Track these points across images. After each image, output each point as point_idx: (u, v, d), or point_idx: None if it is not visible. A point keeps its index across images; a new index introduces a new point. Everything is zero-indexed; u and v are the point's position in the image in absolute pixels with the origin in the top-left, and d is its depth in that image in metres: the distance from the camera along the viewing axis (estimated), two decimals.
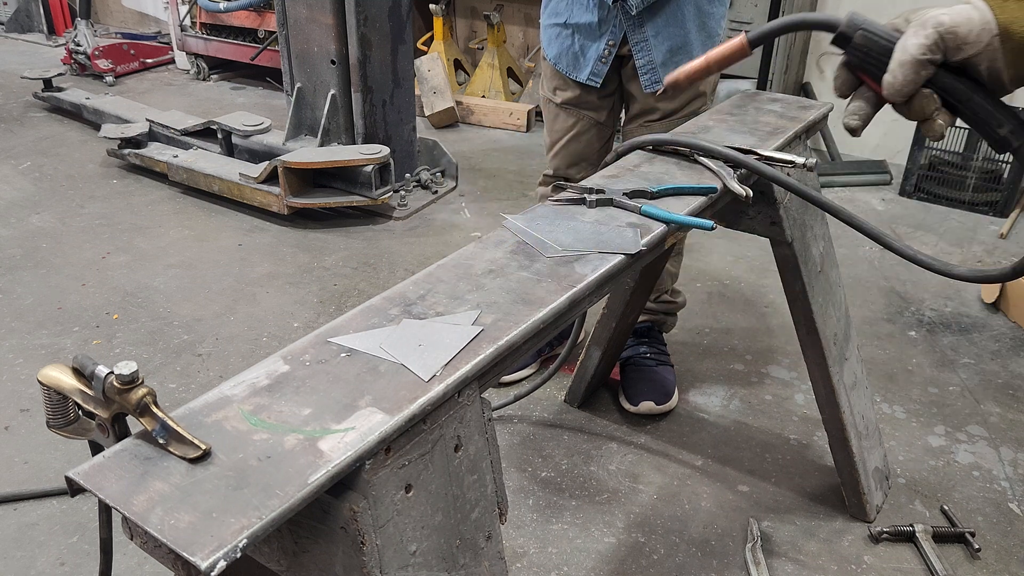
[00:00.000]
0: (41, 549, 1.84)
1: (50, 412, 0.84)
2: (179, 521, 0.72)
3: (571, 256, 1.22)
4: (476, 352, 0.97)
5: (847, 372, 1.84)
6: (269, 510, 0.74)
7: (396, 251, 3.22)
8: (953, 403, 2.34)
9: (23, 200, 3.62)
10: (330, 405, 0.88)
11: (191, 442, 0.80)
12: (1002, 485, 2.04)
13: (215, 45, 5.21)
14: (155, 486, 0.76)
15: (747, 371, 2.49)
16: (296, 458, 0.80)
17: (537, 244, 1.25)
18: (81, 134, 4.37)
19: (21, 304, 2.81)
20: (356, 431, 0.84)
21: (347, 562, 0.85)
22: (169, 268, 3.07)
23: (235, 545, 0.70)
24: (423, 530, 0.91)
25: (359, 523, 0.82)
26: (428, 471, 0.91)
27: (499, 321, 1.04)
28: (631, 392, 2.29)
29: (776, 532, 1.90)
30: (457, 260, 1.20)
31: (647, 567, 1.82)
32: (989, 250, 3.20)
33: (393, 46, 3.45)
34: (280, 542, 0.90)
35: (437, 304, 1.08)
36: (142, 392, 0.80)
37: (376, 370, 0.94)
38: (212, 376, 2.44)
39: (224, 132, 3.77)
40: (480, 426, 0.98)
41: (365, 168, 3.29)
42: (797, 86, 4.39)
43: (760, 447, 2.18)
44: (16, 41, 6.38)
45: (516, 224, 1.32)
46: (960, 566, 1.81)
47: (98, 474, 0.78)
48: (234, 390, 0.91)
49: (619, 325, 2.15)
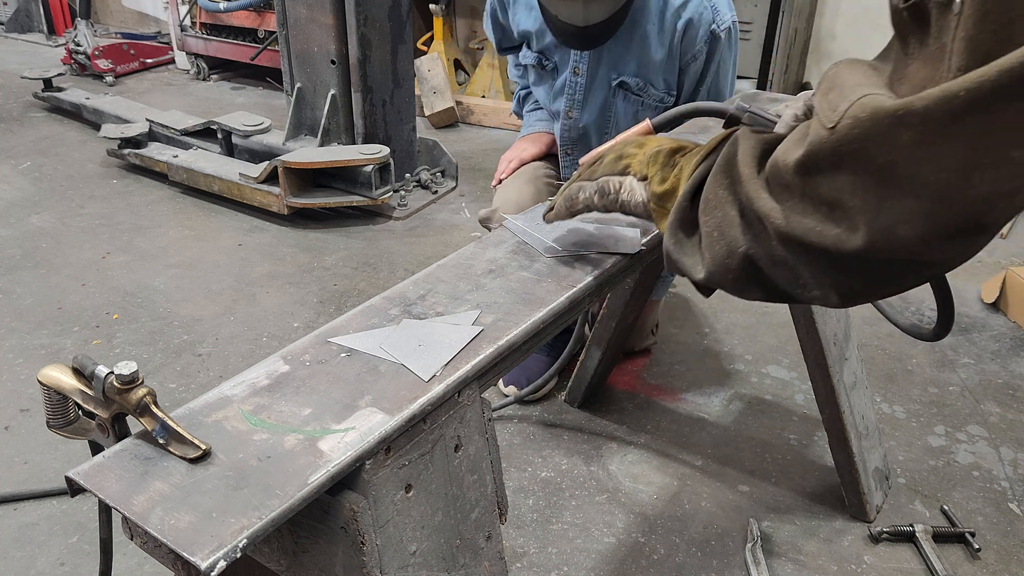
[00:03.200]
0: (41, 549, 1.84)
1: (50, 412, 0.84)
2: (179, 521, 0.72)
3: (571, 256, 1.22)
4: (476, 352, 0.98)
5: (847, 372, 1.84)
6: (269, 510, 0.74)
7: (396, 251, 3.22)
8: (953, 403, 2.34)
9: (23, 200, 3.62)
10: (330, 405, 0.88)
11: (191, 442, 0.80)
12: (1002, 485, 2.04)
13: (215, 45, 5.21)
14: (155, 486, 0.76)
15: (747, 371, 2.49)
16: (296, 458, 0.80)
17: (537, 244, 1.25)
18: (81, 134, 4.37)
19: (21, 304, 2.81)
20: (356, 431, 0.84)
21: (347, 562, 0.85)
22: (169, 268, 3.07)
23: (235, 545, 0.70)
24: (423, 530, 0.91)
25: (359, 523, 0.82)
26: (428, 471, 0.91)
27: (499, 321, 1.04)
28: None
29: (776, 532, 1.90)
30: (457, 260, 1.21)
31: (647, 567, 1.82)
32: (989, 250, 3.20)
33: (393, 46, 3.45)
34: (280, 542, 0.90)
35: (437, 304, 1.08)
36: (142, 392, 0.80)
37: (376, 370, 0.94)
38: (212, 376, 2.44)
39: (224, 132, 3.77)
40: (480, 426, 0.98)
41: (365, 168, 3.29)
42: (797, 86, 4.40)
43: (760, 447, 2.18)
44: (16, 41, 6.38)
45: (516, 224, 1.32)
46: (960, 566, 1.81)
47: (98, 474, 0.78)
48: (234, 390, 0.91)
49: (619, 325, 2.15)
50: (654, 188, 1.05)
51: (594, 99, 2.07)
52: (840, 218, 0.72)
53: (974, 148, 0.63)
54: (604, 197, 1.14)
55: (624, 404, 2.35)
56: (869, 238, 0.71)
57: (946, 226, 0.68)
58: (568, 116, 2.12)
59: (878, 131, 0.67)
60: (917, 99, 0.64)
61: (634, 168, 1.10)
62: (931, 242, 0.69)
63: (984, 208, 0.66)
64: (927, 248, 0.70)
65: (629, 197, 1.10)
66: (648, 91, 2.01)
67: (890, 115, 0.66)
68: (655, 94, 2.02)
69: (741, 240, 0.84)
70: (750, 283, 0.87)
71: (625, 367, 2.49)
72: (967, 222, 0.67)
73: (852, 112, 0.69)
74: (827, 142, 0.71)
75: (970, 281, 2.96)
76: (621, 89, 2.02)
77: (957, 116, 0.62)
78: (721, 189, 0.88)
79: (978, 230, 0.68)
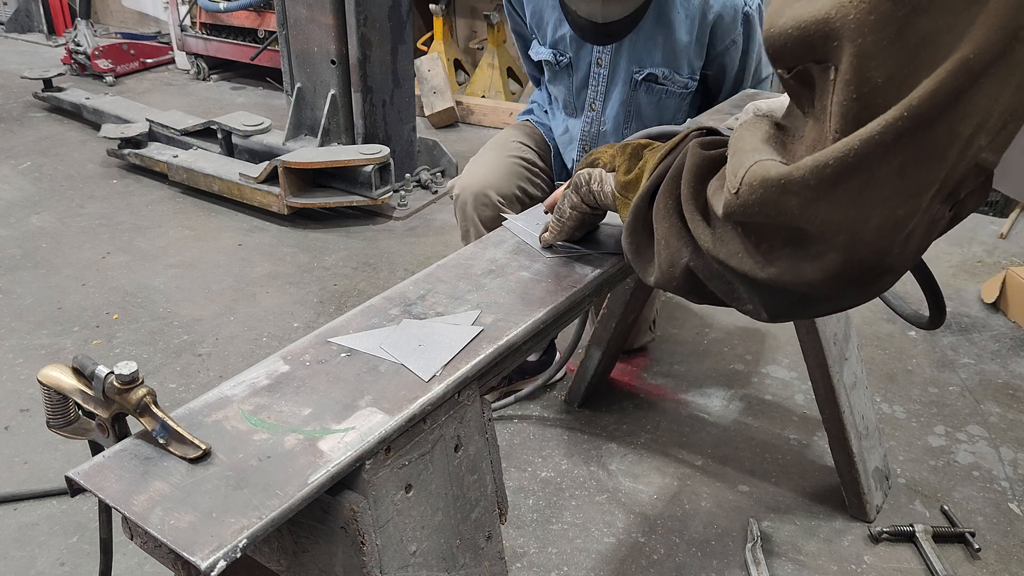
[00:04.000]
0: (41, 549, 1.84)
1: (50, 412, 0.84)
2: (179, 521, 0.72)
3: (571, 256, 1.22)
4: (476, 352, 0.97)
5: (847, 372, 1.84)
6: (269, 510, 0.74)
7: (396, 251, 3.22)
8: (953, 403, 2.34)
9: (23, 200, 3.62)
10: (330, 405, 0.88)
11: (191, 442, 0.80)
12: (1002, 485, 2.04)
13: (215, 45, 5.21)
14: (155, 486, 0.76)
15: (747, 371, 2.49)
16: (296, 458, 0.80)
17: (537, 244, 1.25)
18: (81, 134, 4.37)
19: (21, 304, 2.81)
20: (356, 431, 0.84)
21: (347, 562, 0.85)
22: (169, 268, 3.07)
23: (235, 545, 0.70)
24: (423, 530, 0.91)
25: (359, 523, 0.82)
26: (428, 471, 0.91)
27: (499, 321, 1.04)
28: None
29: (776, 532, 1.90)
30: (457, 260, 1.21)
31: (647, 567, 1.82)
32: (989, 250, 3.20)
33: (393, 46, 3.45)
34: (280, 542, 0.90)
35: (437, 304, 1.08)
36: (142, 392, 0.80)
37: (376, 370, 0.94)
38: (212, 376, 2.44)
39: (224, 132, 3.77)
40: (480, 426, 0.98)
41: (365, 168, 3.29)
42: None
43: (760, 447, 2.18)
44: (16, 41, 6.38)
45: (516, 224, 1.32)
46: (960, 566, 1.81)
47: (98, 474, 0.78)
48: (234, 390, 0.91)
49: (619, 325, 2.15)
50: (619, 177, 1.09)
51: (616, 90, 2.05)
52: (754, 252, 0.78)
53: (857, 207, 0.67)
54: (578, 191, 1.17)
55: (624, 404, 2.35)
56: (779, 275, 0.76)
57: (847, 272, 0.72)
58: (592, 108, 2.10)
59: (770, 197, 0.71)
60: (795, 168, 0.69)
61: (604, 160, 1.14)
62: (835, 284, 0.73)
63: (879, 257, 0.70)
64: (833, 289, 0.74)
65: (599, 188, 1.13)
66: (673, 78, 2.01)
67: (775, 183, 0.71)
68: (680, 80, 2.02)
69: (684, 252, 0.89)
70: (691, 292, 0.92)
71: (625, 367, 2.49)
72: (867, 268, 0.71)
73: (747, 180, 0.74)
74: (733, 205, 0.76)
75: (970, 281, 2.96)
76: (645, 81, 2.02)
77: (832, 182, 0.66)
78: (670, 199, 0.92)
79: (880, 272, 0.72)
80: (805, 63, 0.69)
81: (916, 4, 0.60)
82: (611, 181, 1.11)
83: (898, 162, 0.64)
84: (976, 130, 0.63)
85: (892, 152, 0.64)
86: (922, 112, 0.62)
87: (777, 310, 0.84)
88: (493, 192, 2.04)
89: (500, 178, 2.08)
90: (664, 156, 1.00)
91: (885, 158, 0.64)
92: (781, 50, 0.70)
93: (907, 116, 0.62)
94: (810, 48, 0.67)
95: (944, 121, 0.62)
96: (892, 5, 0.61)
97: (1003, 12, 0.59)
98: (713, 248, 0.83)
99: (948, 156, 0.64)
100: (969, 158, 0.65)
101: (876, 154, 0.64)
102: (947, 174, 0.65)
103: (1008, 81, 0.61)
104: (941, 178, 0.65)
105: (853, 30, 0.62)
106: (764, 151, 0.76)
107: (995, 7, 0.59)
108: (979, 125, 0.63)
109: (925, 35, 0.61)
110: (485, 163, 2.12)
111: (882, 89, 0.63)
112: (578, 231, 1.23)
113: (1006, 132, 0.64)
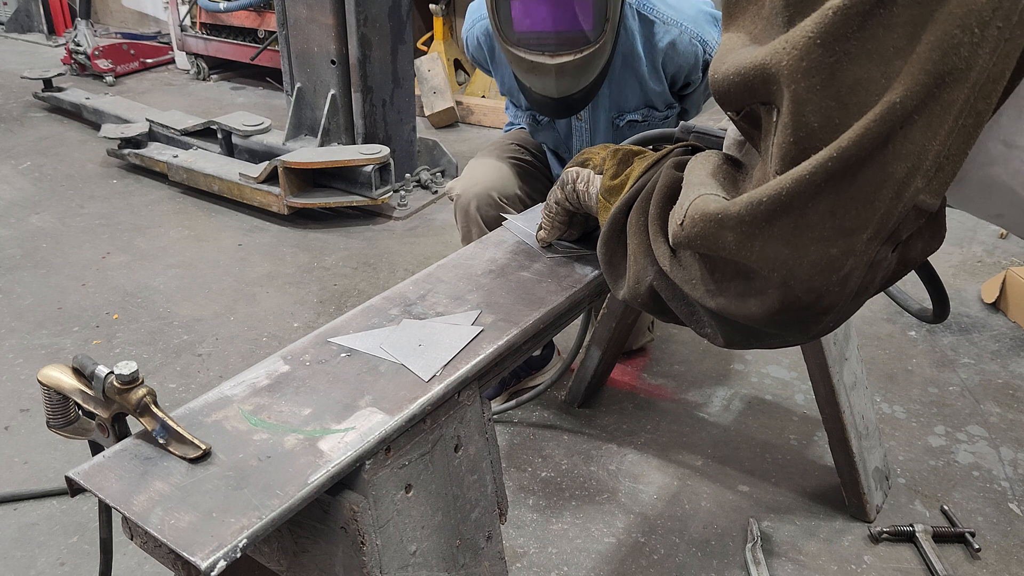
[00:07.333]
0: (41, 549, 1.84)
1: (50, 412, 0.84)
2: (179, 521, 0.72)
3: (571, 256, 1.22)
4: (476, 352, 0.97)
5: (847, 372, 1.84)
6: (269, 510, 0.74)
7: (396, 251, 3.22)
8: (953, 403, 2.34)
9: (23, 200, 3.62)
10: (330, 405, 0.88)
11: (191, 442, 0.80)
12: (1002, 485, 2.04)
13: (215, 45, 5.21)
14: (155, 486, 0.76)
15: (747, 371, 2.49)
16: (296, 458, 0.80)
17: (536, 244, 1.25)
18: (81, 134, 4.37)
19: (21, 304, 2.81)
20: (356, 431, 0.84)
21: (347, 562, 0.85)
22: (169, 268, 3.07)
23: (235, 545, 0.70)
24: (423, 530, 0.91)
25: (359, 523, 0.82)
26: (428, 471, 0.91)
27: (499, 321, 1.04)
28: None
29: (776, 532, 1.90)
30: (457, 260, 1.21)
31: (647, 567, 1.82)
32: (989, 250, 3.20)
33: (393, 46, 3.45)
34: (280, 542, 0.90)
35: (437, 304, 1.08)
36: (142, 392, 0.80)
37: (376, 370, 0.94)
38: (212, 376, 2.44)
39: (224, 132, 3.77)
40: (480, 426, 0.98)
41: (365, 168, 3.29)
42: None
43: (760, 447, 2.18)
44: (16, 41, 6.38)
45: (516, 224, 1.32)
46: (960, 566, 1.81)
47: (98, 474, 0.78)
48: (234, 390, 0.91)
49: (619, 325, 2.15)
50: (605, 181, 1.09)
51: (600, 136, 2.08)
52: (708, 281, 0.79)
53: (791, 245, 0.68)
54: (563, 187, 1.17)
55: (624, 404, 2.35)
56: (725, 306, 0.77)
57: (786, 309, 0.73)
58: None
59: (709, 231, 0.74)
60: (732, 204, 0.71)
61: (594, 161, 1.15)
62: (775, 321, 0.74)
63: (815, 296, 0.71)
64: (772, 325, 0.75)
65: (584, 188, 1.14)
66: (652, 115, 2.03)
67: (713, 218, 0.73)
68: (659, 114, 2.04)
69: (649, 270, 0.91)
70: (656, 311, 0.94)
71: (625, 367, 2.49)
72: (804, 306, 0.72)
73: (690, 212, 0.76)
74: (679, 236, 0.78)
75: (970, 281, 2.96)
76: (627, 124, 2.04)
77: (766, 220, 0.68)
78: (642, 216, 0.94)
79: (818, 311, 0.73)
80: (750, 104, 0.70)
81: (845, 51, 0.62)
82: (598, 183, 1.12)
83: (829, 202, 0.65)
84: (910, 172, 0.64)
85: (823, 192, 0.65)
86: (851, 154, 0.63)
87: (731, 338, 0.85)
88: (496, 193, 2.05)
89: (501, 179, 2.08)
90: (648, 168, 1.02)
91: (816, 198, 0.66)
92: (726, 95, 0.72)
93: (836, 157, 0.63)
94: (751, 91, 0.68)
95: (874, 163, 0.63)
96: (822, 52, 0.62)
97: (929, 58, 0.60)
98: (671, 271, 0.84)
99: (880, 197, 0.65)
100: (906, 200, 0.65)
101: (807, 193, 0.65)
102: (883, 215, 0.66)
103: (939, 124, 0.62)
104: (876, 219, 0.66)
105: (787, 76, 0.64)
106: (709, 185, 0.78)
107: (921, 53, 0.60)
108: (913, 168, 0.64)
109: (855, 81, 0.62)
110: (485, 165, 2.12)
111: (818, 133, 0.64)
112: (573, 228, 1.23)
113: (943, 174, 0.65)
